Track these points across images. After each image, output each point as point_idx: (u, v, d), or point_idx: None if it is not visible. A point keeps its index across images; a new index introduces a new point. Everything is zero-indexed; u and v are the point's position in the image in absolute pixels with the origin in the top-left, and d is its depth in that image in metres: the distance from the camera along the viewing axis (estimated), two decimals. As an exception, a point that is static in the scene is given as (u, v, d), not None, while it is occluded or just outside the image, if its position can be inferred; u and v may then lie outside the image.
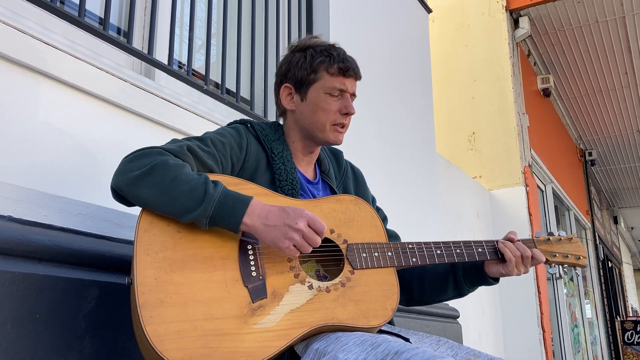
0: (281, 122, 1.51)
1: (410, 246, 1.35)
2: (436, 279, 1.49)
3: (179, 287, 1.10)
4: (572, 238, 1.52)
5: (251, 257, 1.19)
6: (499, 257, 1.41)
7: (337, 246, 1.29)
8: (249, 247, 1.20)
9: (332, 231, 1.30)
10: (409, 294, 1.52)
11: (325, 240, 1.29)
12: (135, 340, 1.13)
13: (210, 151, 1.28)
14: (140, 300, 1.07)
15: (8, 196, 1.29)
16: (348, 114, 1.41)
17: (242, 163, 1.35)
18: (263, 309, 1.14)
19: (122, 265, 1.44)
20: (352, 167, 1.62)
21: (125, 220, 1.54)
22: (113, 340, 1.37)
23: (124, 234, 1.52)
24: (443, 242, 1.39)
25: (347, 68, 1.40)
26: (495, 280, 1.46)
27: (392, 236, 1.58)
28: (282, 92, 1.46)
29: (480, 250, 1.41)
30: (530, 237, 1.50)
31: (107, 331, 1.36)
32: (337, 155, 1.60)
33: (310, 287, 1.20)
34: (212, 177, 1.23)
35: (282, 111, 1.49)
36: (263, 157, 1.38)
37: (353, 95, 1.44)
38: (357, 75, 1.44)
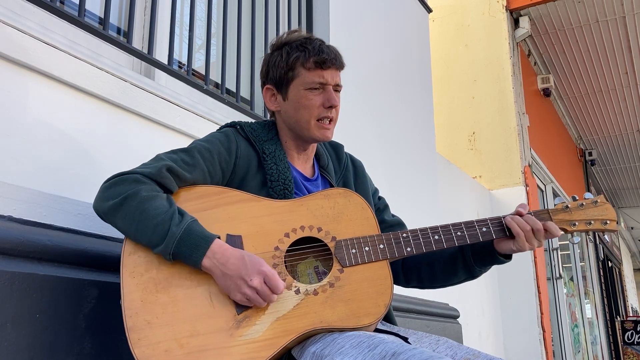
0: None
1: (404, 235, 1.30)
2: (445, 263, 1.43)
3: (165, 307, 1.12)
4: (597, 201, 1.35)
5: None
6: (507, 234, 1.33)
7: (326, 245, 1.26)
8: None
9: (319, 229, 1.27)
10: (419, 279, 1.48)
11: (314, 239, 1.27)
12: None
13: (194, 163, 1.27)
14: (128, 324, 1.10)
15: (8, 196, 1.29)
16: (332, 106, 1.36)
17: (232, 167, 1.33)
18: (249, 320, 1.13)
19: (122, 265, 1.43)
20: (352, 160, 1.58)
21: (125, 220, 1.54)
22: (113, 340, 1.37)
23: (124, 234, 1.52)
24: (442, 226, 1.32)
25: (324, 60, 1.35)
26: (508, 257, 1.38)
27: (396, 224, 1.54)
28: (265, 94, 1.44)
29: (484, 229, 1.32)
30: (545, 209, 1.38)
31: (107, 331, 1.36)
32: (337, 149, 1.56)
33: (297, 291, 1.19)
34: (189, 192, 1.24)
35: (271, 112, 1.47)
36: (254, 159, 1.37)
37: (337, 86, 1.38)
38: (337, 65, 1.38)
